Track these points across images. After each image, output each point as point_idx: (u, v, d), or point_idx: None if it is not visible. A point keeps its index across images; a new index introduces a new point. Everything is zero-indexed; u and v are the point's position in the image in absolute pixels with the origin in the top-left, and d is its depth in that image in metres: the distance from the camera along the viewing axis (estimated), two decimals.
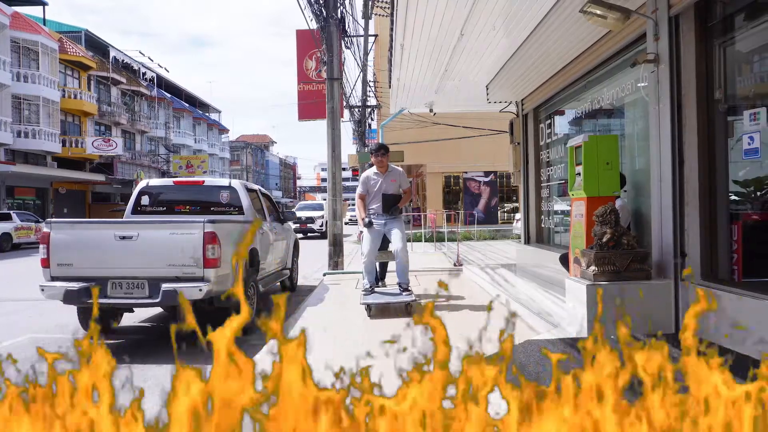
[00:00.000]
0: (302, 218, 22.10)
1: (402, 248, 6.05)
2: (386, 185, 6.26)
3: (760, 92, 3.98)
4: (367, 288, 6.18)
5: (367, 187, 6.37)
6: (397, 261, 6.11)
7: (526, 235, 8.78)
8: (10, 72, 24.70)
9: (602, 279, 4.20)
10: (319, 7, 10.37)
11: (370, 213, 6.34)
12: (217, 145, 53.37)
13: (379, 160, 6.29)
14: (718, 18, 4.12)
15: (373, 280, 6.24)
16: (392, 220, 6.23)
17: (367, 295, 6.04)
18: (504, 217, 25.36)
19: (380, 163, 6.32)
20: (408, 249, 6.35)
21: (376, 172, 6.35)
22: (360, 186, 6.44)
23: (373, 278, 6.25)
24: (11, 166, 23.69)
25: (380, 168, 6.34)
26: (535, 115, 8.43)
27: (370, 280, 6.20)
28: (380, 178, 6.29)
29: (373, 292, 6.13)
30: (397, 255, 6.07)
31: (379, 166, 6.34)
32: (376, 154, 6.35)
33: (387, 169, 6.33)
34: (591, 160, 4.82)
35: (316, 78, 17.59)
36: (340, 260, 10.51)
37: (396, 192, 6.34)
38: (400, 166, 6.63)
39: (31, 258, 15.00)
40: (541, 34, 6.02)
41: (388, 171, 6.32)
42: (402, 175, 6.45)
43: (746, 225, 4.13)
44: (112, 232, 4.86)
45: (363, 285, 6.31)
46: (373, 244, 6.20)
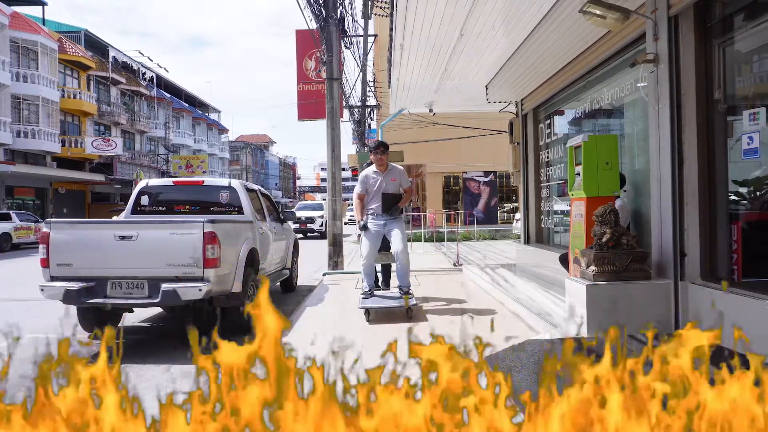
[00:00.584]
0: (302, 218, 22.12)
1: (402, 250, 5.86)
2: (386, 184, 6.03)
3: (759, 92, 3.98)
4: (366, 291, 5.90)
5: (366, 187, 6.12)
6: (397, 263, 5.91)
7: (525, 235, 8.78)
8: (9, 72, 24.69)
9: (602, 279, 4.20)
10: (318, 7, 10.37)
11: (369, 213, 6.09)
12: (216, 145, 53.37)
13: (378, 158, 6.07)
14: (718, 18, 4.13)
15: (372, 283, 6.01)
16: (392, 221, 6.02)
17: (366, 299, 5.78)
18: (504, 217, 25.36)
19: (380, 162, 6.10)
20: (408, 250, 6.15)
21: (376, 171, 6.12)
22: (358, 185, 6.16)
23: (372, 281, 6.01)
24: (11, 166, 23.68)
25: (380, 166, 6.12)
26: (535, 115, 8.43)
27: (369, 283, 5.95)
28: (380, 177, 6.06)
29: (372, 295, 5.87)
30: (398, 257, 5.88)
31: (379, 164, 6.11)
32: (375, 151, 6.14)
33: (387, 167, 6.11)
34: (591, 160, 4.83)
35: (315, 78, 17.59)
36: (340, 260, 10.52)
37: (396, 191, 6.12)
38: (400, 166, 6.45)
39: (30, 258, 14.99)
40: (541, 34, 6.02)
41: (387, 169, 6.09)
42: (402, 173, 6.23)
43: (746, 225, 4.14)
44: (111, 232, 4.86)
45: (362, 288, 6.06)
46: (372, 246, 5.95)
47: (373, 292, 5.92)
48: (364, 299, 5.76)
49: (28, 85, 26.22)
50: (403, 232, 5.99)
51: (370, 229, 5.96)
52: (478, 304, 6.24)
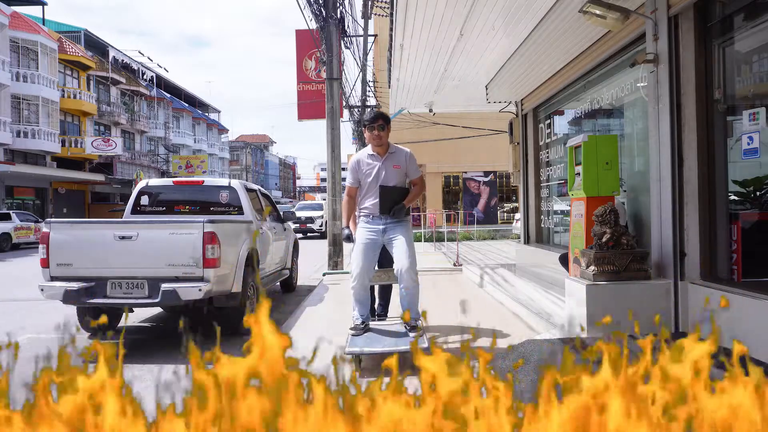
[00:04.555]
0: (302, 218, 22.13)
1: (409, 267, 4.13)
2: (386, 173, 4.29)
3: (759, 92, 3.98)
4: (358, 325, 4.20)
5: (358, 177, 4.38)
6: (401, 286, 4.20)
7: (525, 235, 8.78)
8: (9, 72, 24.69)
9: (602, 279, 4.21)
10: (318, 7, 10.37)
11: (362, 215, 4.38)
12: (216, 145, 53.37)
13: (376, 135, 4.24)
14: (718, 18, 4.13)
15: (367, 313, 4.31)
16: (395, 226, 4.28)
17: (357, 336, 4.09)
18: (503, 217, 25.39)
19: (378, 140, 4.25)
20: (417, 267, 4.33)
21: (372, 154, 4.34)
22: (349, 175, 4.44)
23: (366, 310, 4.30)
24: (10, 166, 23.67)
25: (378, 147, 4.30)
26: (535, 115, 8.43)
27: (362, 313, 4.25)
28: (377, 163, 4.30)
29: (366, 329, 4.21)
30: (402, 277, 4.15)
31: (376, 144, 4.28)
32: (370, 126, 4.25)
33: (387, 149, 4.33)
34: (590, 160, 4.83)
35: (315, 78, 17.58)
36: (340, 260, 10.52)
37: (401, 183, 4.36)
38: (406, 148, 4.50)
39: (30, 258, 15.00)
40: (541, 34, 6.02)
41: (389, 152, 4.33)
42: (410, 158, 4.42)
43: (746, 225, 4.14)
44: (111, 232, 4.86)
45: (352, 319, 4.29)
46: (365, 261, 4.21)
47: (367, 325, 4.27)
48: (354, 337, 4.09)
49: (28, 85, 26.21)
50: (411, 241, 4.30)
51: (362, 240, 4.28)
52: (478, 304, 6.24)
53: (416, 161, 4.52)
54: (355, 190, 4.42)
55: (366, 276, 4.24)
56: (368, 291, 4.34)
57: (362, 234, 4.30)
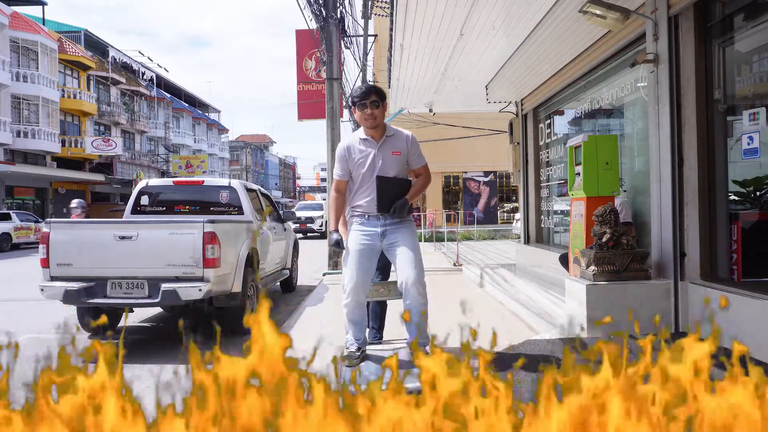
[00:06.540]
0: (302, 218, 22.14)
1: (416, 280, 3.32)
2: (384, 161, 3.44)
3: (759, 92, 3.99)
4: (353, 352, 3.43)
5: (348, 167, 3.50)
6: (406, 303, 3.35)
7: (525, 235, 8.79)
8: (9, 72, 24.70)
9: (602, 279, 4.21)
10: (318, 7, 10.37)
11: (354, 216, 3.52)
12: (216, 145, 53.39)
13: (369, 114, 3.39)
14: (718, 18, 4.13)
15: (362, 336, 3.53)
16: (396, 227, 3.45)
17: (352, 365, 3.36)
18: (503, 217, 25.40)
19: (371, 120, 3.40)
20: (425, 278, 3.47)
21: (365, 139, 3.48)
22: (337, 165, 3.53)
23: (361, 332, 3.52)
24: (11, 166, 23.68)
25: (372, 130, 3.46)
26: (535, 115, 8.43)
27: (357, 336, 3.49)
28: (372, 149, 3.45)
29: (363, 357, 3.46)
30: (408, 291, 3.32)
31: (370, 125, 3.43)
32: (360, 103, 3.39)
33: (384, 132, 3.48)
34: (590, 160, 4.83)
35: (315, 78, 17.58)
36: (340, 260, 10.51)
37: (401, 173, 3.52)
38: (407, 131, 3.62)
39: (30, 258, 15.00)
40: (541, 34, 6.02)
41: (386, 135, 3.48)
42: (412, 142, 3.54)
43: (746, 225, 4.14)
44: (111, 232, 4.86)
45: (345, 345, 3.52)
46: (360, 272, 3.39)
47: (363, 351, 3.50)
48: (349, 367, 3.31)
49: (28, 85, 26.22)
50: (417, 246, 3.50)
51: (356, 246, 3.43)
52: (478, 304, 6.25)
53: (419, 146, 3.60)
54: (345, 183, 3.53)
55: (362, 290, 3.41)
56: (365, 309, 3.55)
57: (355, 239, 3.43)
